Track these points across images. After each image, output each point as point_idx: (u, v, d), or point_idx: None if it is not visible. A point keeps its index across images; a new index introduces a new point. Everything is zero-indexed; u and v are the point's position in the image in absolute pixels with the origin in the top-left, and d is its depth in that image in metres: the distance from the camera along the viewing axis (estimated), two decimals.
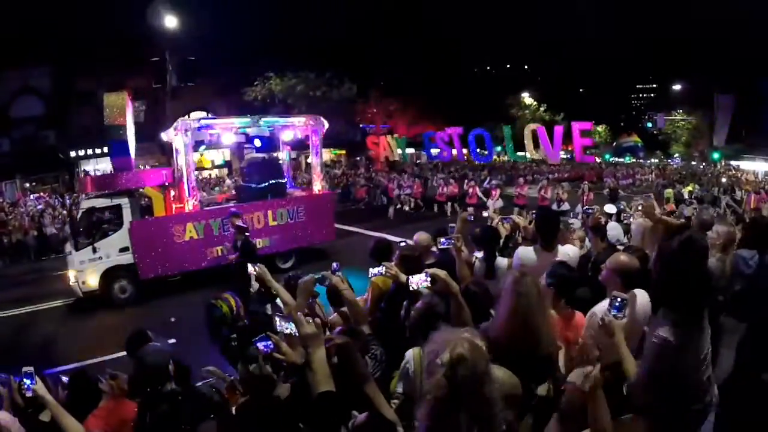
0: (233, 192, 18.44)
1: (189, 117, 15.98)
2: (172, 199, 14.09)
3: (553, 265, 4.21)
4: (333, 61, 41.13)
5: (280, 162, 16.87)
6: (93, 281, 12.79)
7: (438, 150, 45.56)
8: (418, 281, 3.70)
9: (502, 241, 6.03)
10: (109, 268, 12.86)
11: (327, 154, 35.01)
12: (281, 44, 42.24)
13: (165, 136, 13.59)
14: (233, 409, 3.90)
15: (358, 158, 48.76)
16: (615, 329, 3.13)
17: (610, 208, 10.55)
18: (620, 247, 6.95)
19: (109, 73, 36.58)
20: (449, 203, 24.85)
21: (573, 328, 4.03)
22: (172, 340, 9.18)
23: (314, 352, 2.90)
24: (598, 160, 61.24)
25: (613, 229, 7.76)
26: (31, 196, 31.50)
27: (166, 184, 14.23)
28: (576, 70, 78.78)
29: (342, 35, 46.34)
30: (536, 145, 31.52)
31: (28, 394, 3.72)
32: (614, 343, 3.15)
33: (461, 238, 5.15)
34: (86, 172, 36.38)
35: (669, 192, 19.37)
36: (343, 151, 50.53)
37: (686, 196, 22.12)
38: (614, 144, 69.67)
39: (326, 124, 16.53)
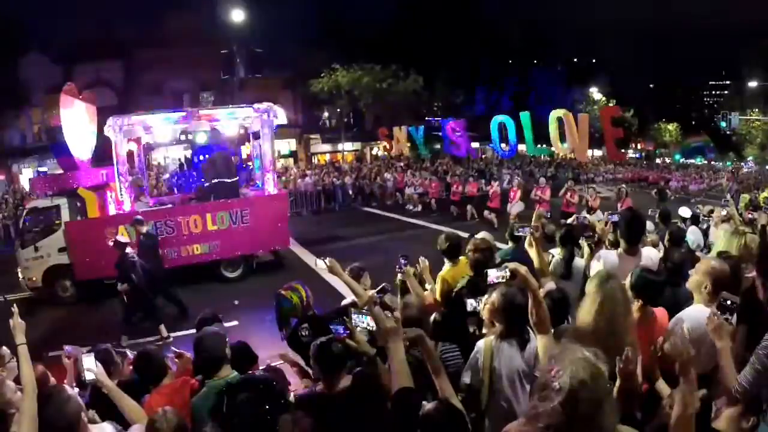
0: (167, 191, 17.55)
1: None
2: (110, 200, 13.71)
3: (639, 270, 4.05)
4: (399, 53, 41.12)
5: (228, 158, 15.43)
6: (36, 278, 12.91)
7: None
8: (496, 276, 3.60)
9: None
10: (50, 267, 12.86)
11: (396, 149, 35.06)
12: (347, 36, 42.60)
13: (106, 132, 12.87)
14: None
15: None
16: (723, 332, 2.97)
17: (684, 212, 10.22)
18: (700, 253, 6.72)
19: (178, 65, 37.74)
20: (468, 206, 21.58)
21: (652, 328, 3.86)
22: (234, 323, 9.40)
23: (395, 347, 2.88)
24: (668, 161, 59.20)
25: (693, 234, 7.49)
26: None
27: (108, 184, 14.02)
28: (646, 64, 76.56)
29: (408, 27, 46.36)
30: (563, 138, 26.71)
31: (89, 377, 3.83)
32: (720, 349, 3.00)
33: (540, 229, 5.04)
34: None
35: (745, 198, 18.61)
36: (408, 144, 50.41)
37: (762, 203, 21.18)
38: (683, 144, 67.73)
39: (280, 114, 15.25)
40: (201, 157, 16.54)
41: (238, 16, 30.82)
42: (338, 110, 42.98)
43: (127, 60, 39.56)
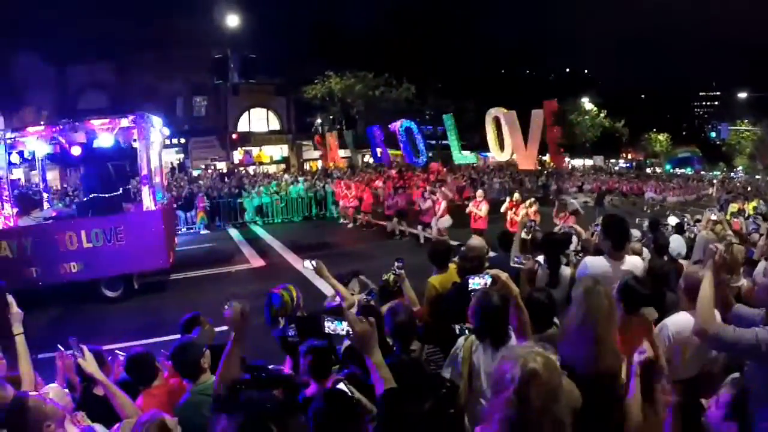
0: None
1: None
2: None
3: (626, 278, 4.11)
4: (392, 62, 41.30)
5: (106, 172, 13.86)
6: None
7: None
8: (478, 282, 3.67)
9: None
10: None
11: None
12: (340, 44, 42.83)
13: None
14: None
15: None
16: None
17: (671, 220, 10.34)
18: (682, 261, 6.80)
19: (171, 68, 37.78)
20: (395, 219, 19.60)
21: (634, 336, 3.92)
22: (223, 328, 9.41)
23: (372, 350, 2.90)
24: (658, 170, 59.28)
25: (675, 242, 7.57)
26: None
27: None
28: (637, 75, 77.00)
29: (400, 36, 46.55)
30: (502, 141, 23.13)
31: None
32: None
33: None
34: None
35: (734, 207, 18.78)
36: (399, 152, 50.37)
37: (750, 212, 21.39)
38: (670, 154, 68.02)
39: (155, 123, 14.07)
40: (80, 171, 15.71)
41: (232, 21, 30.94)
42: (330, 117, 43.07)
43: (120, 62, 39.55)
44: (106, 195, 13.33)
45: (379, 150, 31.40)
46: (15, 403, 3.29)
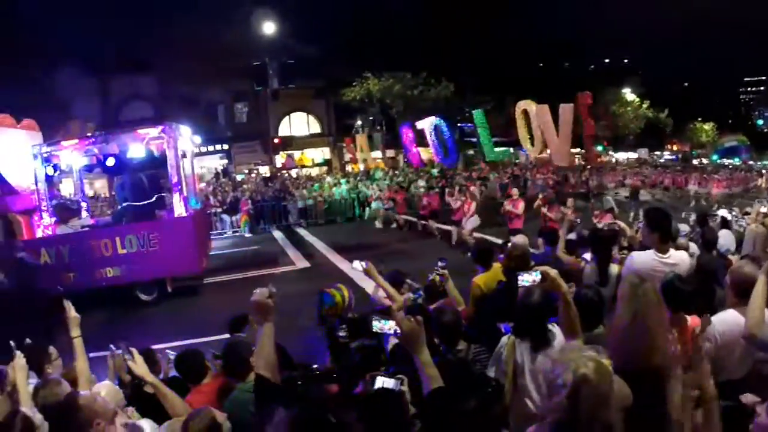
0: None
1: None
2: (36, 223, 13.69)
3: (668, 276, 4.08)
4: (429, 61, 41.26)
5: (140, 181, 14.47)
6: None
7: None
8: (527, 279, 3.71)
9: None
10: None
11: (424, 154, 34.62)
12: (377, 44, 42.86)
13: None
14: None
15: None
16: None
17: (723, 213, 10.09)
18: (732, 257, 6.65)
19: (212, 77, 38.48)
20: (430, 220, 19.55)
21: (683, 333, 3.89)
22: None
23: (420, 349, 2.93)
24: (705, 161, 57.71)
25: (724, 237, 7.41)
26: None
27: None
28: (679, 62, 74.79)
29: (438, 34, 46.41)
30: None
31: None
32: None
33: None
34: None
35: None
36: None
37: None
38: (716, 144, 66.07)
39: (185, 133, 14.77)
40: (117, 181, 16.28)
41: (269, 28, 31.37)
42: (370, 118, 43.22)
43: (162, 73, 40.48)
44: (139, 203, 13.84)
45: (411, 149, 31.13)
46: (66, 402, 3.44)
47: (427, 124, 27.30)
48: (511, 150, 37.11)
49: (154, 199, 14.14)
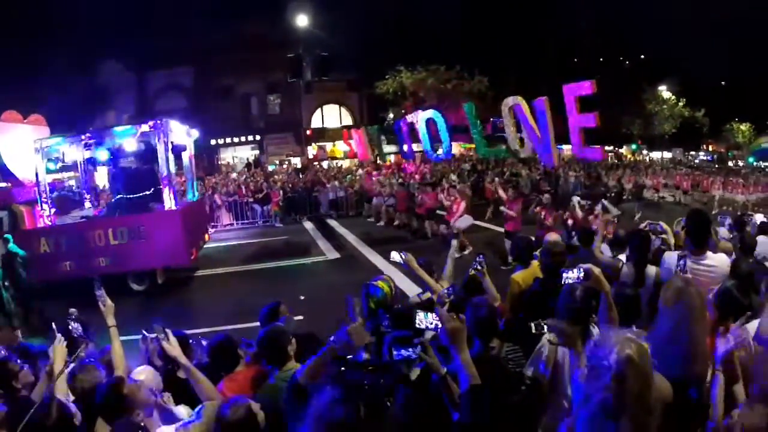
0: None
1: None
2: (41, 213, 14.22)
3: (727, 284, 4.00)
4: (463, 54, 41.02)
5: (133, 175, 14.87)
6: None
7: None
8: (571, 276, 3.68)
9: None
10: None
11: (456, 148, 34.21)
12: (411, 37, 42.68)
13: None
14: None
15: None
16: None
17: (760, 218, 9.89)
18: None
19: (245, 69, 38.81)
20: (426, 220, 18.52)
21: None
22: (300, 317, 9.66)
23: (461, 346, 2.95)
24: (741, 163, 56.47)
25: (762, 245, 7.24)
26: None
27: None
28: (716, 60, 72.90)
29: (472, 27, 46.10)
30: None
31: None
32: None
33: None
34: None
35: None
36: (473, 146, 49.65)
37: None
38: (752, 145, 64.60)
39: (178, 129, 15.25)
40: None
41: (302, 21, 31.40)
42: (403, 111, 43.16)
43: (196, 65, 40.95)
44: (132, 196, 14.36)
45: (405, 146, 30.52)
46: (112, 388, 3.51)
47: (419, 117, 26.59)
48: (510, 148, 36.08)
49: (150, 191, 14.50)
